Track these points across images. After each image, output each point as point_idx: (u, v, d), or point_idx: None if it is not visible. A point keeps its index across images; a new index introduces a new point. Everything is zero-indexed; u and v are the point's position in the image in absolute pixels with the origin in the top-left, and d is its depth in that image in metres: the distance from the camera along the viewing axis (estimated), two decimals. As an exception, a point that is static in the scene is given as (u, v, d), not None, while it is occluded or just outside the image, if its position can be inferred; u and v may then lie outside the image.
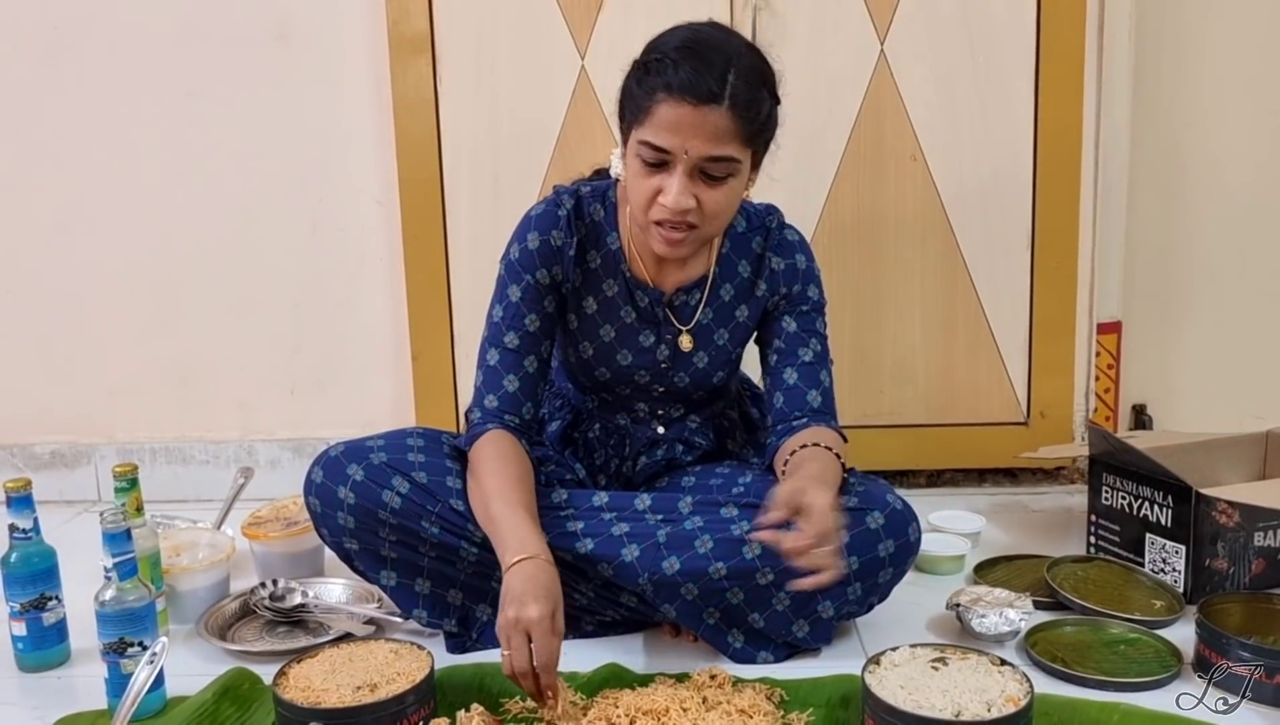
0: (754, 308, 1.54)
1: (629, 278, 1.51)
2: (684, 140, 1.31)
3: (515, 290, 1.48)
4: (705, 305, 1.52)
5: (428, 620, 1.49)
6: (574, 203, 1.50)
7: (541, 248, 1.48)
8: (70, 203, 2.21)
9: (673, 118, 1.30)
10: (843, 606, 1.43)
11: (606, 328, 1.53)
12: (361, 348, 2.24)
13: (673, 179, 1.33)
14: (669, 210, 1.34)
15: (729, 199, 1.38)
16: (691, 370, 1.54)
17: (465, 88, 2.05)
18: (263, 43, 2.13)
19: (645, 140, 1.33)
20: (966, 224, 2.06)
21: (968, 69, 2.01)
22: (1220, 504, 1.55)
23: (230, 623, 1.59)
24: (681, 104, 1.30)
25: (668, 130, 1.31)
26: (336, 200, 2.19)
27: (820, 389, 1.51)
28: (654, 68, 1.33)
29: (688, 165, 1.32)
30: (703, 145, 1.31)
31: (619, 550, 1.41)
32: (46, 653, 1.48)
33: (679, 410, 1.60)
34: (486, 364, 1.49)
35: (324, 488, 1.44)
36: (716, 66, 1.30)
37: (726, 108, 1.30)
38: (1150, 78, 2.09)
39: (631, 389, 1.56)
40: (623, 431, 1.60)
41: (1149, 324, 2.19)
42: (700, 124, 1.30)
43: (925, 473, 2.20)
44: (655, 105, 1.31)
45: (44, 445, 2.29)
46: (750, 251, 1.54)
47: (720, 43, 1.34)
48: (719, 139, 1.31)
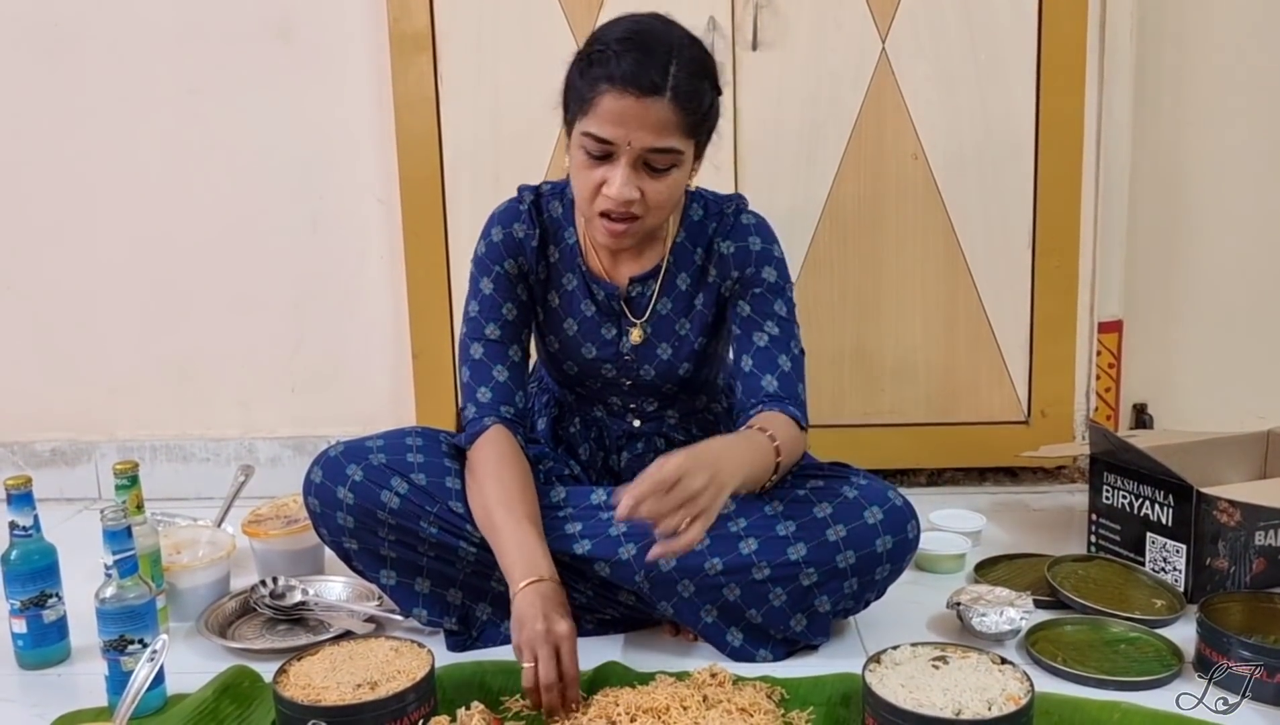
0: (709, 295, 1.52)
1: (585, 272, 1.52)
2: (627, 131, 1.32)
3: (487, 282, 1.51)
4: (660, 295, 1.52)
5: (428, 619, 1.49)
6: (534, 198, 1.53)
7: (506, 240, 1.50)
8: (71, 200, 2.21)
9: (616, 109, 1.31)
10: (840, 602, 1.43)
11: (569, 321, 1.54)
12: (362, 346, 2.24)
13: (616, 170, 1.34)
14: (613, 201, 1.35)
15: (672, 190, 1.39)
16: (655, 362, 1.54)
17: (466, 85, 2.05)
18: (264, 40, 2.13)
19: (588, 131, 1.34)
20: (967, 222, 2.06)
21: (969, 68, 2.01)
22: (1221, 503, 1.55)
23: (230, 620, 1.59)
24: (624, 95, 1.31)
25: (611, 122, 1.32)
26: (337, 198, 2.19)
27: (777, 373, 1.46)
28: (596, 59, 1.33)
29: (631, 156, 1.33)
30: (646, 136, 1.32)
31: (616, 550, 1.42)
32: (47, 650, 1.48)
33: (652, 404, 1.59)
34: (471, 359, 1.50)
35: (323, 488, 1.44)
36: (659, 58, 1.31)
37: (669, 100, 1.31)
38: (1152, 76, 2.09)
39: (601, 383, 1.57)
40: (600, 424, 1.60)
41: (1150, 323, 2.18)
42: (643, 115, 1.31)
43: (926, 472, 2.20)
44: (598, 96, 1.32)
45: (44, 443, 2.29)
46: (705, 237, 1.53)
47: (662, 34, 1.35)
48: (662, 130, 1.32)
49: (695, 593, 1.41)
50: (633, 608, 1.49)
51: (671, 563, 1.39)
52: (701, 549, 1.39)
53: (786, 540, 1.39)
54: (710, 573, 1.40)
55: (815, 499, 1.42)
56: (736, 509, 1.42)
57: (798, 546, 1.39)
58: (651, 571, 1.40)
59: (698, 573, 1.40)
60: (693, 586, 1.41)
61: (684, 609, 1.43)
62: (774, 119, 2.02)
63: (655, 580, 1.41)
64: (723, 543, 1.40)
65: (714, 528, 1.39)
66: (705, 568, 1.40)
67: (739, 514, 1.42)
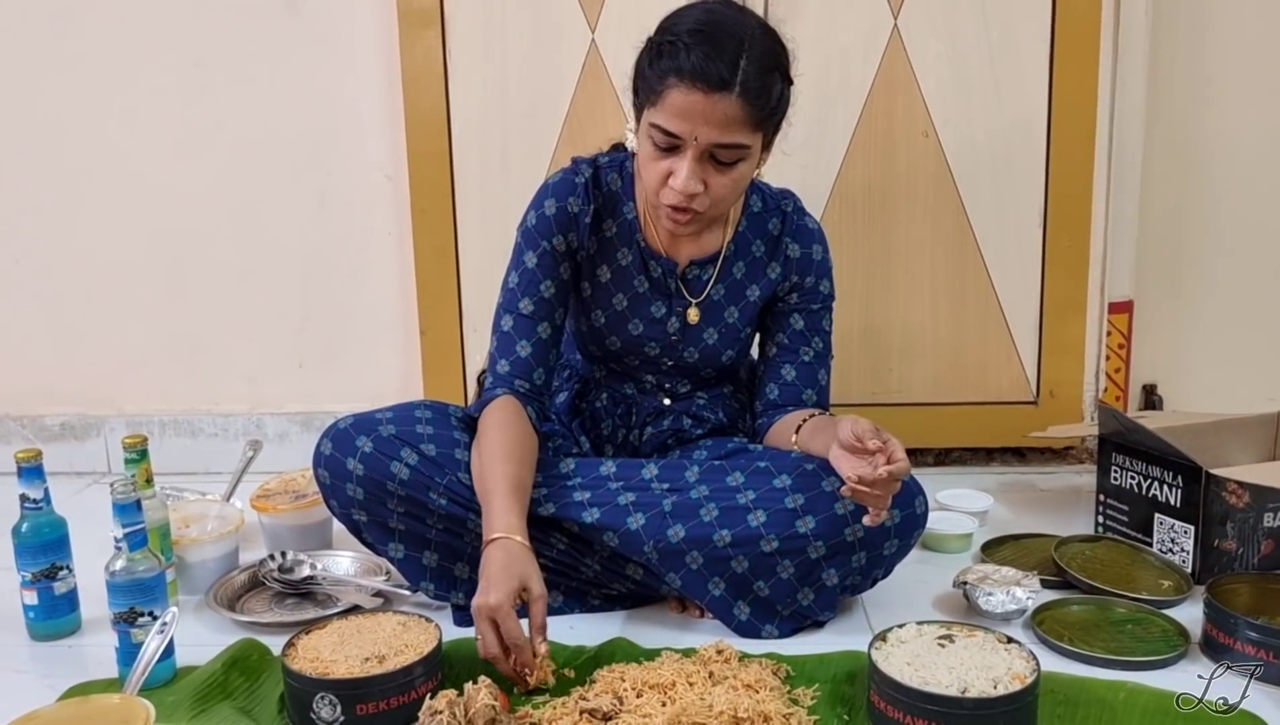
0: (765, 288, 1.55)
1: (643, 247, 1.52)
2: (694, 127, 1.32)
3: (531, 257, 1.50)
4: (717, 281, 1.53)
5: (435, 592, 1.49)
6: (592, 172, 1.52)
7: (558, 214, 1.49)
8: (78, 175, 2.21)
9: (683, 104, 1.31)
10: (846, 576, 1.43)
11: (619, 296, 1.54)
12: (370, 322, 2.24)
13: (682, 163, 1.34)
14: (677, 193, 1.35)
15: (737, 183, 1.39)
16: (701, 346, 1.55)
17: (474, 61, 2.04)
18: (271, 14, 2.12)
19: (656, 123, 1.34)
20: (978, 201, 2.05)
21: (982, 45, 1.99)
22: (1230, 484, 1.55)
23: (239, 594, 1.60)
24: (693, 91, 1.30)
25: (678, 116, 1.32)
26: (345, 174, 2.18)
27: (816, 388, 1.56)
28: (666, 50, 1.33)
29: (697, 151, 1.34)
30: (713, 132, 1.32)
31: (624, 519, 1.43)
32: (57, 622, 1.49)
33: (686, 385, 1.60)
34: (501, 330, 1.51)
35: (333, 459, 1.45)
36: (728, 51, 1.30)
37: (737, 95, 1.30)
38: (1165, 55, 2.07)
39: (641, 361, 1.57)
40: (630, 401, 1.61)
41: (1160, 303, 2.17)
42: (711, 111, 1.31)
43: (934, 451, 2.20)
44: (666, 89, 1.32)
45: (54, 417, 2.30)
46: (766, 232, 1.55)
47: (733, 25, 1.34)
48: (729, 126, 1.32)
49: (704, 564, 1.42)
50: (640, 582, 1.49)
51: (681, 533, 1.40)
52: (710, 520, 1.41)
53: (795, 513, 1.40)
54: (719, 544, 1.41)
55: (824, 473, 1.42)
56: (746, 481, 1.44)
57: (806, 519, 1.40)
58: (660, 542, 1.41)
59: (706, 544, 1.41)
60: (701, 558, 1.42)
61: (692, 581, 1.44)
62: (784, 96, 2.01)
63: (664, 551, 1.42)
64: (731, 515, 1.41)
65: (723, 499, 1.43)
66: (714, 539, 1.40)
67: (748, 487, 1.43)
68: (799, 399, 1.54)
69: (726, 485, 1.44)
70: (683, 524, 1.41)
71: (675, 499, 1.43)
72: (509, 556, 1.29)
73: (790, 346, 1.55)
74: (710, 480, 1.45)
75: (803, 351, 1.55)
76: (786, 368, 1.55)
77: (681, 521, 1.41)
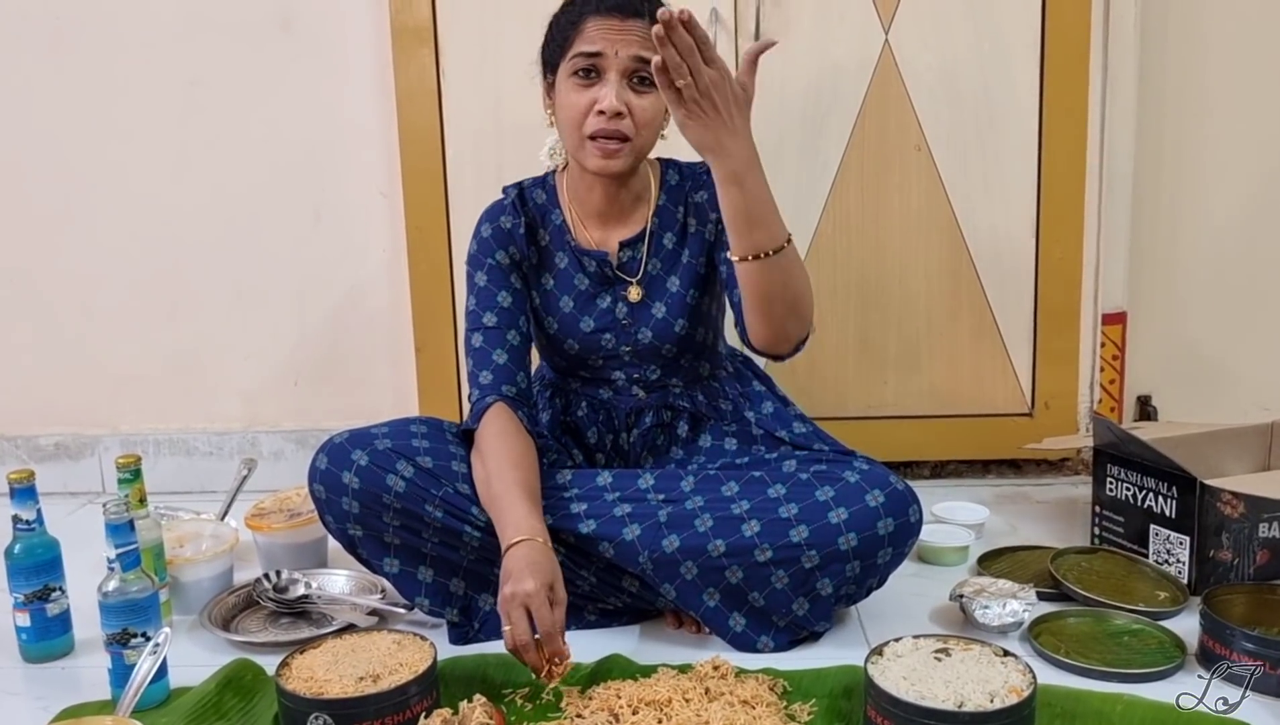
0: (694, 246, 1.57)
1: (575, 247, 1.57)
2: (613, 44, 1.42)
3: (481, 276, 1.57)
4: (650, 256, 1.57)
5: (430, 608, 1.49)
6: (517, 191, 1.61)
7: (495, 233, 1.57)
8: (73, 192, 2.21)
9: (602, 27, 1.42)
10: (841, 585, 1.43)
11: (565, 299, 1.57)
12: (364, 339, 2.24)
13: (606, 86, 1.43)
14: (605, 113, 1.42)
15: (656, 106, 1.45)
16: (651, 322, 1.56)
17: (468, 79, 2.05)
18: (266, 32, 2.13)
19: (578, 51, 1.43)
20: (970, 214, 2.05)
21: (973, 58, 2.00)
22: (1225, 495, 1.55)
23: (233, 614, 1.60)
24: (610, 17, 1.42)
25: (599, 39, 1.42)
26: (340, 191, 2.19)
27: None
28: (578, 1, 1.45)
29: (619, 67, 1.42)
30: (632, 47, 1.42)
31: (620, 530, 1.43)
32: (50, 643, 1.48)
33: (655, 372, 1.60)
34: (473, 348, 1.54)
35: (329, 473, 1.45)
36: None
37: (648, 21, 1.39)
38: (1156, 67, 2.08)
39: (603, 357, 1.59)
40: (608, 405, 1.62)
41: (1154, 315, 2.18)
42: (628, 31, 1.42)
43: (929, 464, 2.20)
44: (583, 24, 1.43)
45: (48, 437, 2.30)
46: (682, 196, 1.59)
47: None
48: (646, 43, 1.38)
49: (698, 574, 1.42)
50: (635, 595, 1.49)
51: (676, 543, 1.41)
52: (704, 531, 1.41)
53: (789, 523, 1.40)
54: (713, 554, 1.41)
55: (818, 483, 1.43)
56: (740, 491, 1.44)
57: (800, 528, 1.40)
58: (655, 552, 1.42)
59: (700, 554, 1.41)
60: (696, 568, 1.42)
61: (686, 592, 1.44)
62: (777, 110, 2.02)
63: (659, 562, 1.42)
64: (726, 525, 1.42)
65: (717, 510, 1.43)
66: (709, 549, 1.41)
67: (742, 496, 1.44)
68: None
69: (721, 495, 1.45)
70: (678, 534, 1.42)
71: (670, 510, 1.44)
72: (537, 554, 1.30)
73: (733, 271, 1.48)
74: (705, 490, 1.46)
75: None
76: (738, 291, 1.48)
77: (676, 532, 1.42)
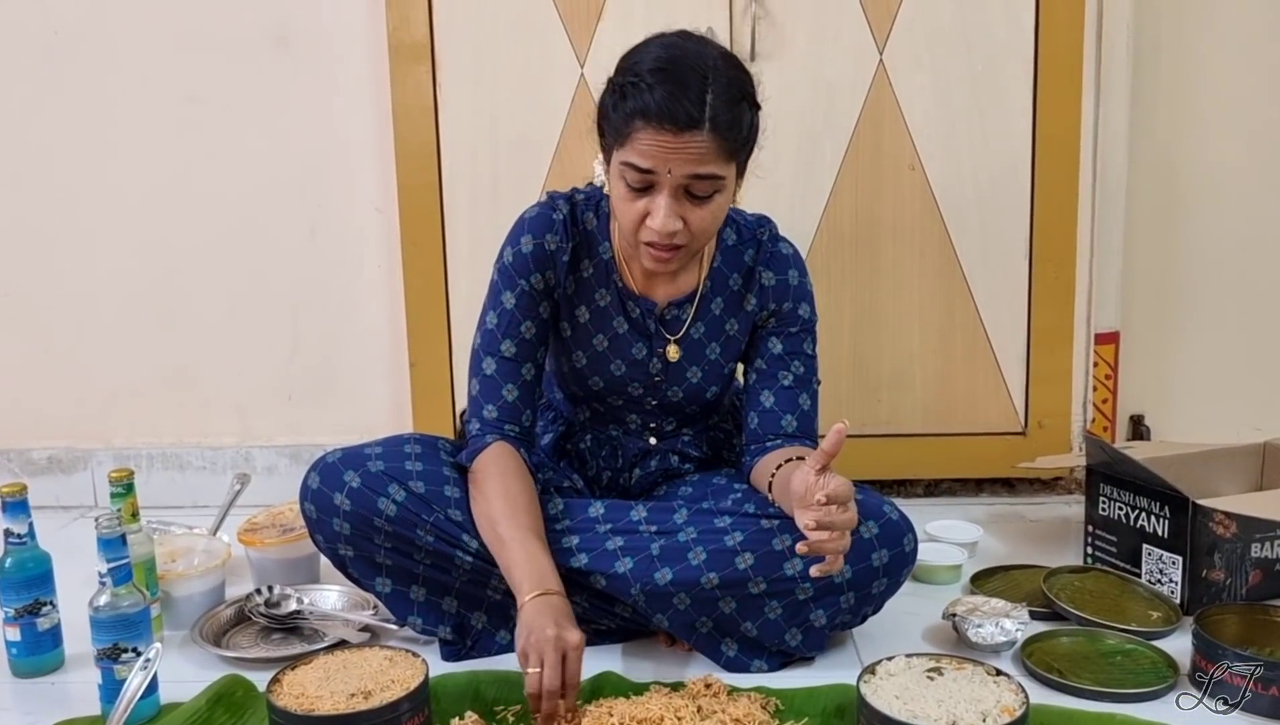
0: (744, 322, 1.53)
1: (621, 288, 1.50)
2: (667, 163, 1.29)
3: (509, 297, 1.47)
4: (695, 319, 1.51)
5: (422, 627, 1.48)
6: (569, 208, 1.49)
7: (536, 251, 1.46)
8: (68, 207, 2.21)
9: (654, 143, 1.29)
10: (835, 615, 1.43)
11: (599, 337, 1.52)
12: (359, 354, 2.24)
13: (659, 201, 1.32)
14: (657, 233, 1.33)
15: (716, 215, 1.37)
16: (685, 384, 1.53)
17: (465, 95, 2.06)
18: (263, 48, 2.14)
19: (628, 162, 1.31)
20: (965, 233, 2.06)
21: (966, 78, 2.01)
22: (1217, 515, 1.55)
23: (225, 629, 1.59)
24: (661, 131, 1.28)
25: (650, 156, 1.29)
26: (335, 206, 2.19)
27: (797, 413, 1.49)
28: (630, 91, 1.30)
29: (672, 185, 1.31)
30: (686, 165, 1.29)
31: (612, 564, 1.41)
32: (41, 658, 1.48)
33: (671, 423, 1.59)
34: (483, 373, 1.48)
35: (320, 494, 1.44)
36: (693, 88, 1.28)
37: (708, 131, 1.28)
38: (1148, 88, 2.10)
39: (624, 401, 1.56)
40: (615, 442, 1.59)
41: (1147, 334, 2.19)
42: (682, 148, 1.28)
43: (923, 482, 2.20)
44: (634, 131, 1.29)
45: (41, 450, 2.29)
46: (742, 264, 1.52)
47: (695, 59, 1.30)
48: (702, 160, 1.29)
49: (691, 605, 1.41)
50: (628, 619, 1.48)
51: (669, 576, 1.39)
52: (698, 564, 1.39)
53: (782, 555, 1.38)
54: (706, 586, 1.39)
55: None
56: (732, 524, 1.42)
57: (794, 562, 1.38)
58: (647, 585, 1.40)
59: (694, 586, 1.39)
60: (689, 599, 1.40)
61: (679, 621, 1.43)
62: (771, 129, 1.98)
63: (651, 594, 1.40)
64: (719, 557, 1.39)
65: (711, 542, 1.41)
66: (701, 582, 1.39)
67: (735, 528, 1.41)
68: (778, 426, 1.48)
69: (714, 527, 1.42)
70: (670, 568, 1.40)
71: (663, 542, 1.42)
72: (569, 608, 1.28)
73: (769, 371, 1.51)
74: (698, 522, 1.43)
75: (781, 376, 1.50)
76: (765, 394, 1.50)
77: (669, 564, 1.40)
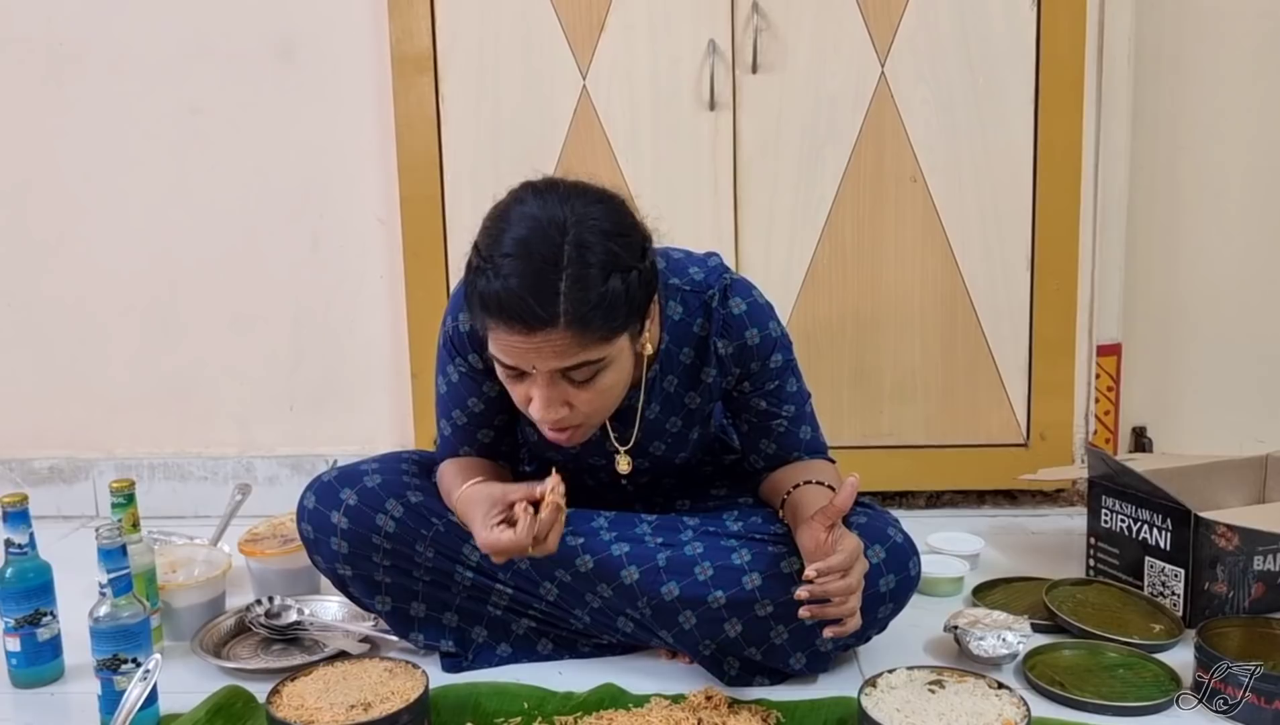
0: (705, 394, 1.42)
1: None
2: (527, 360, 1.19)
3: (452, 371, 1.41)
4: (647, 402, 1.39)
5: (424, 643, 1.48)
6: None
7: (472, 334, 1.36)
8: (71, 217, 2.22)
9: (509, 341, 1.18)
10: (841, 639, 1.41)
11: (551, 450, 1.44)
12: (361, 365, 2.25)
13: (535, 391, 1.22)
14: (540, 421, 1.25)
15: (607, 391, 1.25)
16: (650, 458, 1.47)
17: (467, 107, 2.06)
18: (266, 60, 2.14)
19: (493, 353, 1.22)
20: (966, 245, 2.06)
21: (968, 91, 2.02)
22: (1219, 527, 1.55)
23: (225, 640, 1.59)
24: (512, 332, 1.16)
25: (508, 352, 1.19)
26: (338, 217, 2.20)
27: (801, 446, 1.46)
28: (481, 276, 1.18)
29: (545, 378, 1.20)
30: (549, 361, 1.18)
31: (619, 571, 1.40)
32: (40, 669, 1.47)
33: (645, 478, 1.53)
34: (441, 432, 1.47)
35: (317, 513, 1.43)
36: (545, 283, 1.14)
37: (563, 327, 1.15)
38: (1149, 100, 2.10)
39: (594, 480, 1.51)
40: (592, 492, 1.53)
41: (1149, 346, 2.19)
42: (541, 346, 1.17)
43: (924, 494, 2.19)
44: (488, 323, 1.18)
45: (42, 460, 2.29)
46: (692, 335, 1.38)
47: (548, 245, 1.16)
48: (563, 354, 1.17)
49: (696, 625, 1.38)
50: (630, 635, 1.47)
51: (675, 591, 1.37)
52: (705, 580, 1.37)
53: (790, 578, 1.34)
54: (713, 605, 1.37)
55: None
56: (740, 545, 1.40)
57: (801, 588, 1.31)
58: (654, 599, 1.38)
59: (700, 604, 1.37)
60: (695, 618, 1.38)
61: (683, 641, 1.41)
62: (773, 142, 2.04)
63: (658, 608, 1.39)
64: (726, 574, 1.37)
65: (718, 558, 1.38)
66: (708, 600, 1.37)
67: (743, 547, 1.40)
68: (786, 461, 1.46)
69: (721, 546, 1.40)
70: (677, 582, 1.38)
71: (670, 554, 1.40)
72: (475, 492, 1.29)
73: (760, 424, 1.44)
74: (705, 538, 1.42)
75: (775, 424, 1.44)
76: (764, 442, 1.45)
77: (675, 578, 1.38)
